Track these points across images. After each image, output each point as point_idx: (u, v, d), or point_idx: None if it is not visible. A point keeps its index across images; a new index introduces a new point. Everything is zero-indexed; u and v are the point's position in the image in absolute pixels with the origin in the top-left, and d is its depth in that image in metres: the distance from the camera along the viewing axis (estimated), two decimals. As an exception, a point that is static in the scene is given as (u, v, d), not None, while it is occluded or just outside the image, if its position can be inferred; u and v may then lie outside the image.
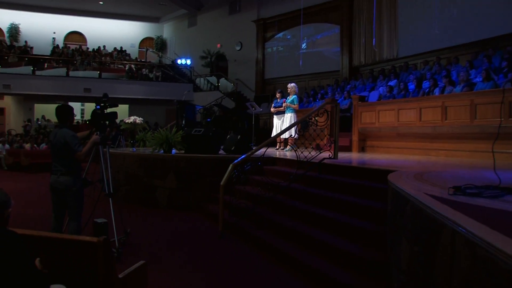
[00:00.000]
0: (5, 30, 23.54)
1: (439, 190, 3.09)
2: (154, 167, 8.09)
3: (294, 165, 6.63)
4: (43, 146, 15.56)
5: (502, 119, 6.83)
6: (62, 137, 4.33)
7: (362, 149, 10.47)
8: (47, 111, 22.21)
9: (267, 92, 19.81)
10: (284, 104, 10.14)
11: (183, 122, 10.12)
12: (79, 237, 2.57)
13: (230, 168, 5.90)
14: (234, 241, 5.63)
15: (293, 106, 9.96)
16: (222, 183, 5.88)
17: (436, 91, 9.12)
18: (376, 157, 7.99)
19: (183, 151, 8.41)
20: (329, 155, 6.51)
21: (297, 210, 5.54)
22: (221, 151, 8.51)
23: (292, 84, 10.29)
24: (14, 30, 23.28)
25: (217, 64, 23.00)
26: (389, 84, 11.52)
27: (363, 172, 5.61)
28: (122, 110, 23.62)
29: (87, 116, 23.66)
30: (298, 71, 18.61)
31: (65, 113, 4.51)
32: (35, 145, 15.56)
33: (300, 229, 4.99)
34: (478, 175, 4.50)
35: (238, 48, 21.78)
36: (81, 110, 24.77)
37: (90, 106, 23.46)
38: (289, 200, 5.99)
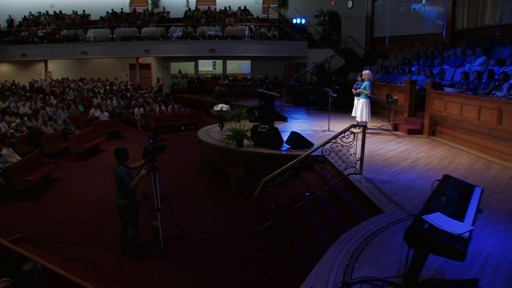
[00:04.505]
0: (148, -1, 27.00)
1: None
2: (227, 156, 9.68)
3: (333, 170, 7.63)
4: (170, 108, 18.29)
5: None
6: (119, 173, 6.10)
7: (432, 133, 10.65)
8: (183, 67, 25.34)
9: (376, 51, 19.57)
10: (357, 90, 10.89)
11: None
12: (81, 281, 4.23)
13: (261, 184, 7.11)
14: (262, 245, 6.91)
15: (365, 92, 10.69)
16: (255, 194, 7.17)
17: (505, 87, 8.57)
18: (418, 161, 8.13)
19: (253, 142, 9.80)
20: (354, 170, 7.21)
21: (308, 227, 6.44)
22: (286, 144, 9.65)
23: (366, 72, 10.87)
24: (155, -2, 26.56)
25: (330, 21, 23.14)
26: (474, 64, 10.99)
27: (363, 200, 6.26)
28: (245, 65, 25.61)
29: (218, 69, 26.33)
30: (403, 31, 18.03)
31: (121, 154, 6.23)
32: (163, 107, 18.31)
33: (299, 252, 5.86)
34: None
35: (350, 5, 21.56)
36: (213, 63, 27.41)
37: (219, 62, 26.00)
38: (310, 212, 6.95)
